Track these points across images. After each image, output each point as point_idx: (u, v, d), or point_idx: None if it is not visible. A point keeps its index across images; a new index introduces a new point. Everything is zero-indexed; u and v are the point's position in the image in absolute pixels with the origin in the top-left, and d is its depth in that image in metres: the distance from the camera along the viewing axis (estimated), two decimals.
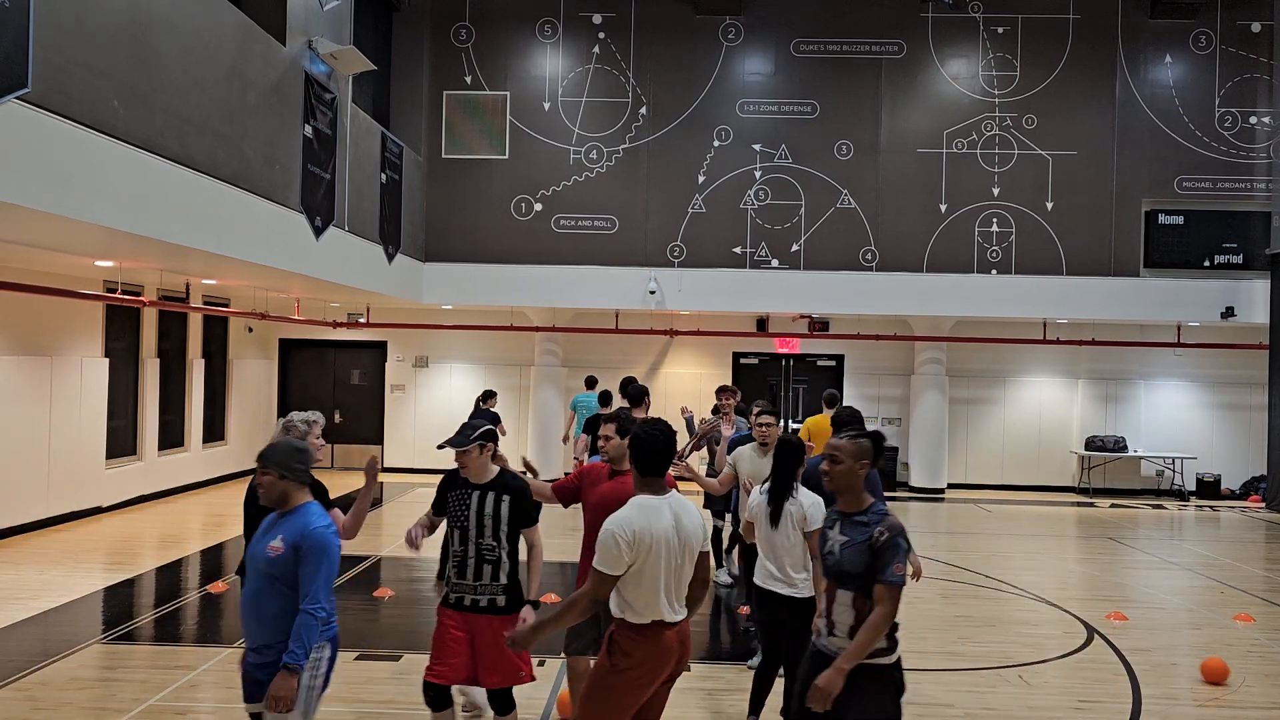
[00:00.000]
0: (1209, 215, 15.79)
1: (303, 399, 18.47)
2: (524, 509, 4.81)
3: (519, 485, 4.82)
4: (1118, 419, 17.52)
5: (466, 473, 4.77)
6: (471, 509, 4.76)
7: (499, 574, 4.75)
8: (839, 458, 3.93)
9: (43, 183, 6.26)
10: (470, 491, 4.78)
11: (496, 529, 4.76)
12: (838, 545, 3.88)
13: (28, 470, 11.39)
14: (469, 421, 4.93)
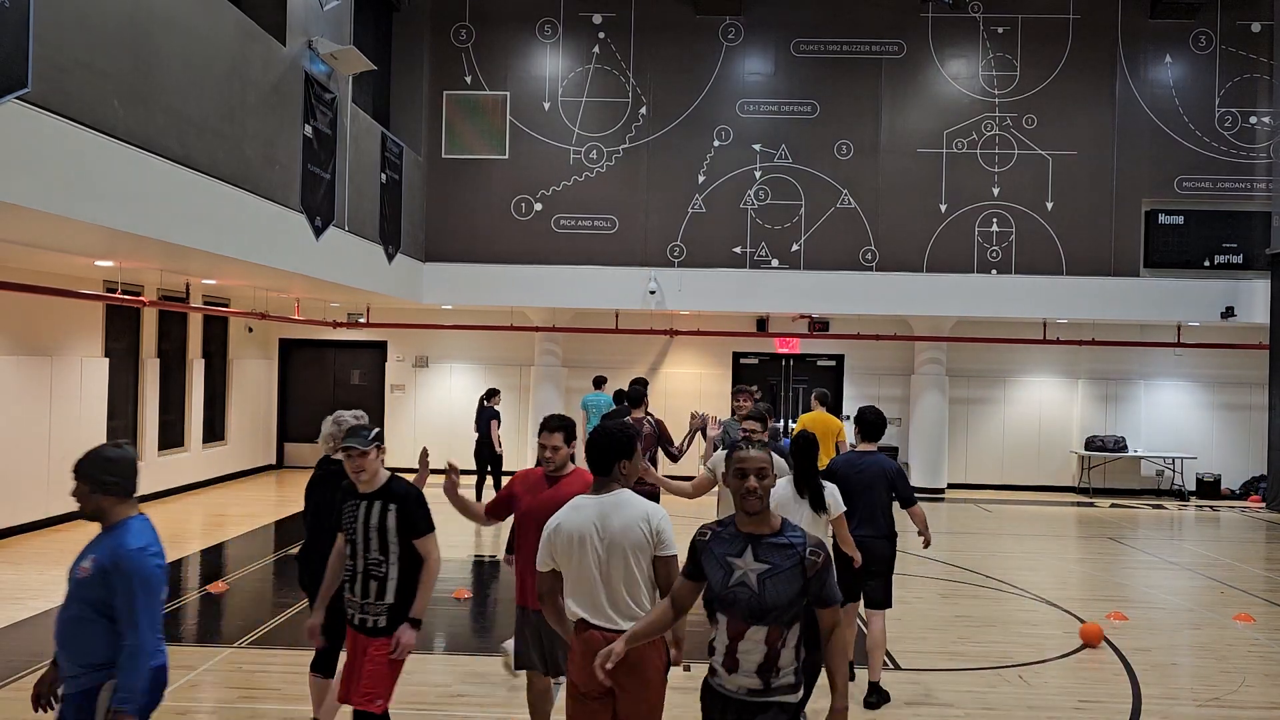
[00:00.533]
0: (1209, 215, 15.79)
1: (303, 399, 18.48)
2: (411, 519, 4.44)
3: (407, 491, 4.49)
4: (1118, 419, 17.52)
5: (360, 478, 4.46)
6: (359, 520, 4.46)
7: (385, 592, 4.41)
8: (767, 471, 3.35)
9: (43, 183, 6.26)
10: (359, 502, 4.49)
11: (383, 542, 4.42)
12: (752, 576, 3.29)
13: (28, 470, 11.39)
14: (358, 424, 4.66)
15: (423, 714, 5.94)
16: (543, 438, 4.76)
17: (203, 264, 10.04)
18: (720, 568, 3.36)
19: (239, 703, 6.13)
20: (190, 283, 13.99)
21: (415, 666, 6.77)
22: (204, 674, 6.64)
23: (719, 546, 3.40)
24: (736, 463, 3.35)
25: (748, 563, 3.33)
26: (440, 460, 5.25)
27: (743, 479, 3.32)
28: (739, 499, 3.34)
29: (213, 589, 8.99)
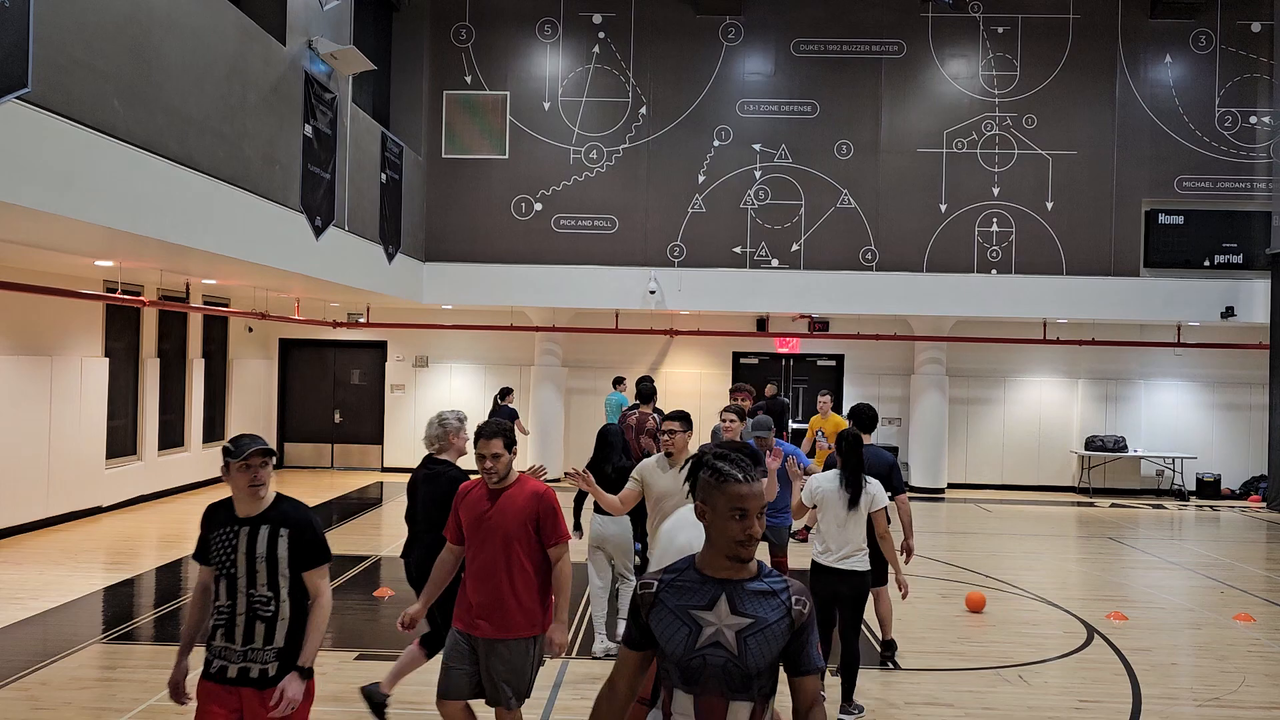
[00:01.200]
0: (1209, 215, 15.79)
1: (303, 399, 18.49)
2: (308, 546, 3.78)
3: (301, 516, 3.82)
4: (1118, 419, 17.52)
5: (242, 496, 3.75)
6: (240, 550, 3.72)
7: (274, 634, 3.71)
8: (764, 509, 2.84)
9: (43, 183, 6.26)
10: (237, 528, 3.75)
11: (273, 575, 3.73)
12: (730, 635, 2.50)
13: (28, 470, 11.39)
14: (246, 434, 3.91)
15: (422, 714, 5.94)
16: (480, 446, 4.40)
17: (203, 264, 10.04)
18: (682, 625, 2.53)
19: None
20: (190, 283, 13.99)
21: None
22: None
23: (676, 597, 2.55)
24: (734, 499, 2.48)
25: (722, 617, 2.52)
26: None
27: (742, 519, 2.49)
28: (731, 544, 2.50)
29: None
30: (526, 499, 4.43)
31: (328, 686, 6.40)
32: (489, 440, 4.42)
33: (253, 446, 3.73)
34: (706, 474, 2.55)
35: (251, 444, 3.74)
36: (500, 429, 4.47)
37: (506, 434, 4.47)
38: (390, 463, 18.07)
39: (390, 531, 12.28)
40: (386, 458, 18.14)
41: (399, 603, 8.66)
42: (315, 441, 18.52)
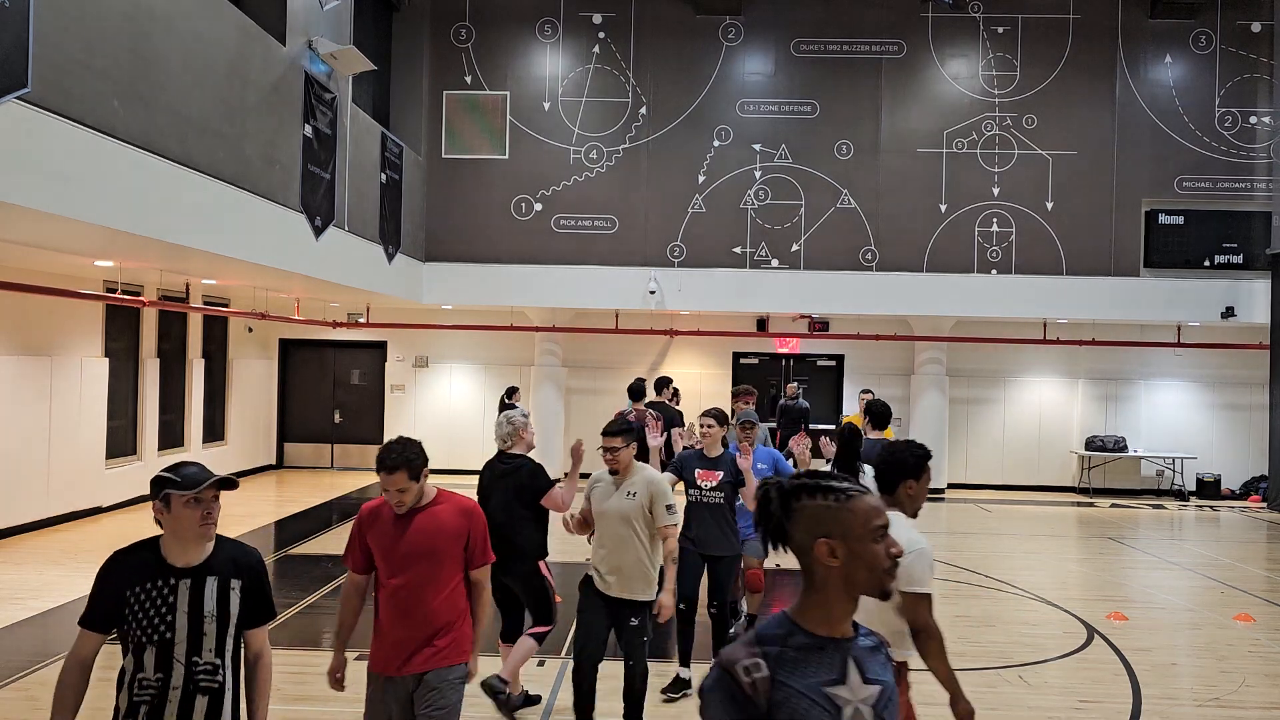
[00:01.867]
0: (1209, 215, 15.79)
1: (303, 399, 18.48)
2: (262, 600, 3.17)
3: (254, 561, 3.18)
4: (1118, 419, 17.52)
5: (187, 541, 3.02)
6: (180, 609, 2.99)
7: (220, 710, 3.03)
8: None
9: (43, 183, 6.25)
10: (175, 581, 3.00)
11: (221, 639, 3.04)
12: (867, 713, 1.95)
13: (28, 470, 11.39)
14: (189, 461, 3.23)
15: None
16: (382, 480, 3.85)
17: (203, 264, 10.04)
18: (820, 710, 1.91)
19: None
20: (190, 283, 13.99)
21: None
22: None
23: (799, 674, 1.92)
24: (870, 516, 1.96)
25: (856, 691, 1.96)
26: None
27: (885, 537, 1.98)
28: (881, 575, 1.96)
29: None
30: (456, 516, 3.98)
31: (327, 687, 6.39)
32: (390, 475, 3.80)
33: (208, 478, 2.98)
34: (822, 499, 1.97)
35: (203, 474, 3.00)
36: (401, 461, 3.81)
37: (410, 464, 3.82)
38: None
39: None
40: None
41: None
42: (315, 441, 18.51)
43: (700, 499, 6.39)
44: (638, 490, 5.19)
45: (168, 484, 3.00)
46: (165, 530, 3.05)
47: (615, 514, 5.19)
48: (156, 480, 3.04)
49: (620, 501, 5.19)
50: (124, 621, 3.02)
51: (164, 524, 3.04)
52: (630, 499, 5.18)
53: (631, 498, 5.18)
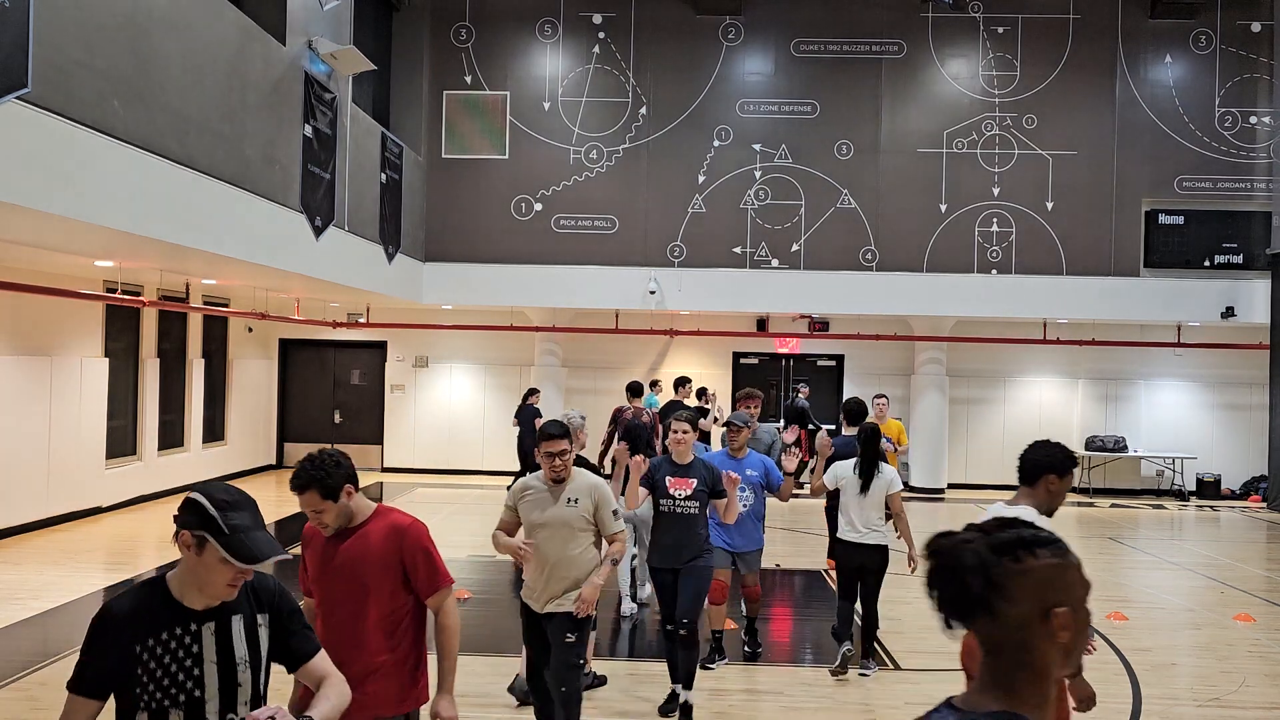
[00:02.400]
0: (1209, 215, 15.79)
1: (303, 399, 18.48)
2: (299, 628, 2.80)
3: (273, 585, 2.80)
4: (1118, 419, 17.51)
5: (216, 583, 2.43)
6: (208, 659, 2.50)
7: None
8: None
9: (43, 183, 6.25)
10: (198, 626, 2.48)
11: (256, 687, 2.68)
12: None
13: (28, 470, 11.38)
14: (226, 485, 2.55)
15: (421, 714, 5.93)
16: (301, 501, 3.41)
17: (203, 264, 10.04)
18: None
19: None
20: (190, 283, 13.99)
21: None
22: None
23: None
24: (1085, 582, 1.59)
25: None
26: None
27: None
28: (1077, 651, 1.58)
29: None
30: (383, 537, 3.45)
31: None
32: (301, 494, 3.38)
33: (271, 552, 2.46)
34: (1050, 556, 1.54)
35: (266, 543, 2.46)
36: (309, 480, 3.36)
37: (321, 483, 3.36)
38: (390, 463, 18.06)
39: None
40: (386, 458, 18.13)
41: None
42: (315, 442, 18.48)
43: (672, 509, 5.82)
44: (579, 497, 4.75)
45: (213, 529, 2.38)
46: (184, 569, 2.47)
47: (558, 524, 4.74)
48: (197, 510, 2.40)
49: (561, 510, 4.74)
50: (134, 684, 2.43)
51: (186, 562, 2.44)
52: (572, 506, 4.74)
53: (573, 505, 4.74)
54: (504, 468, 17.75)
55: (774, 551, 11.27)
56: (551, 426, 4.75)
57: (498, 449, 17.89)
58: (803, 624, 8.43)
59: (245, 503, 2.48)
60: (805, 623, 8.46)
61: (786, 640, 8.01)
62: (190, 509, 2.42)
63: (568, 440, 4.72)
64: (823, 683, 6.72)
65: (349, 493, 3.43)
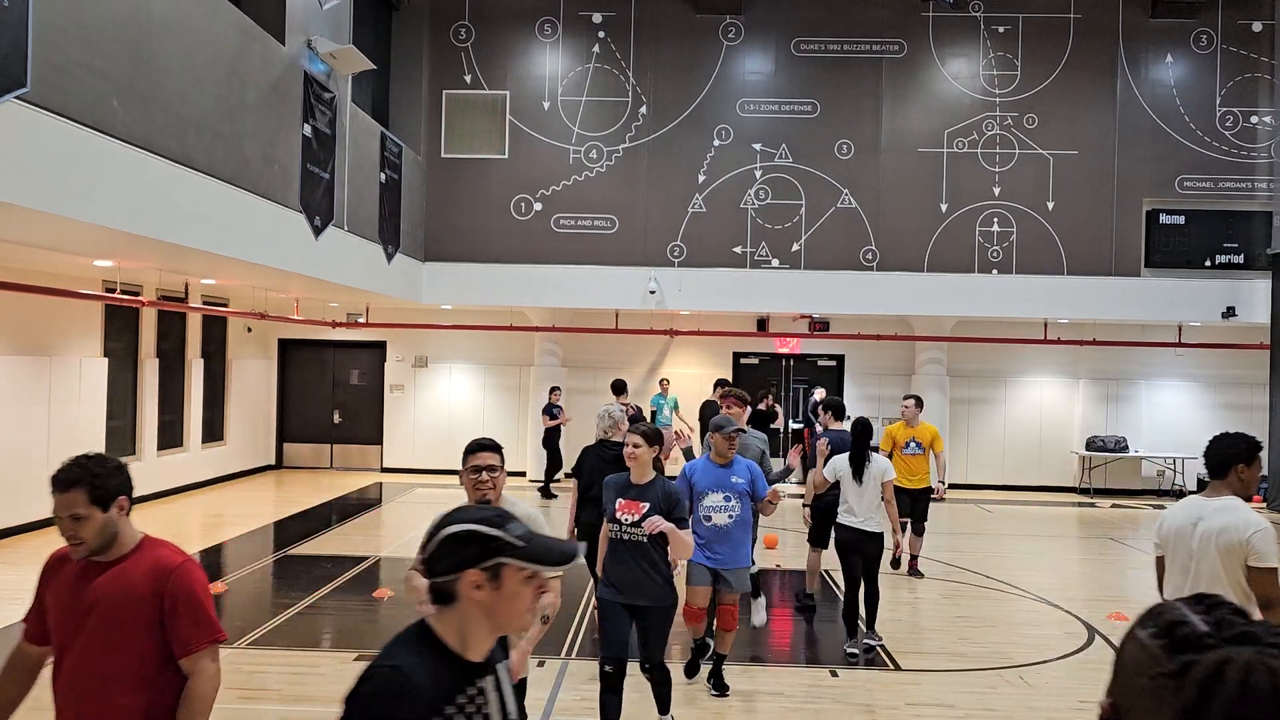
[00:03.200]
0: (1210, 215, 15.78)
1: (302, 399, 18.47)
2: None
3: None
4: (1119, 419, 17.51)
5: (514, 624, 2.03)
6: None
7: None
8: None
9: (43, 183, 6.24)
10: (482, 684, 2.02)
11: None
12: None
13: (28, 470, 11.37)
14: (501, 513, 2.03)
15: None
16: (55, 503, 2.86)
17: (202, 264, 10.03)
18: None
19: (238, 703, 6.11)
20: (189, 283, 13.97)
21: None
22: None
23: None
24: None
25: None
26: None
27: None
28: None
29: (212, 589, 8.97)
30: (146, 577, 2.80)
31: (327, 687, 6.40)
32: (64, 493, 2.83)
33: (568, 548, 2.05)
34: None
35: (554, 542, 2.07)
36: (79, 477, 2.87)
37: (92, 482, 2.88)
38: (390, 463, 18.05)
39: (390, 532, 12.27)
40: (386, 458, 18.13)
41: (398, 604, 8.64)
42: (315, 442, 18.50)
43: (620, 535, 5.09)
44: None
45: (505, 549, 1.96)
46: (469, 615, 1.98)
47: None
48: (475, 539, 1.97)
49: None
50: None
51: (479, 605, 1.96)
52: None
53: None
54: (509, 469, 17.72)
55: (775, 551, 11.25)
56: (479, 439, 4.06)
57: None
58: (803, 624, 8.42)
59: (506, 513, 2.04)
60: (805, 623, 8.45)
61: (786, 640, 8.00)
62: (464, 542, 1.97)
63: (499, 454, 3.92)
64: (823, 682, 6.72)
65: (121, 506, 2.87)
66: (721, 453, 6.11)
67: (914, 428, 10.12)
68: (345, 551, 10.82)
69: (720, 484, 6.08)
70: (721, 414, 6.78)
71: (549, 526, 4.45)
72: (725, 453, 6.10)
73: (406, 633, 2.05)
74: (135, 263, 10.18)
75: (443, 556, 1.98)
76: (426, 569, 2.01)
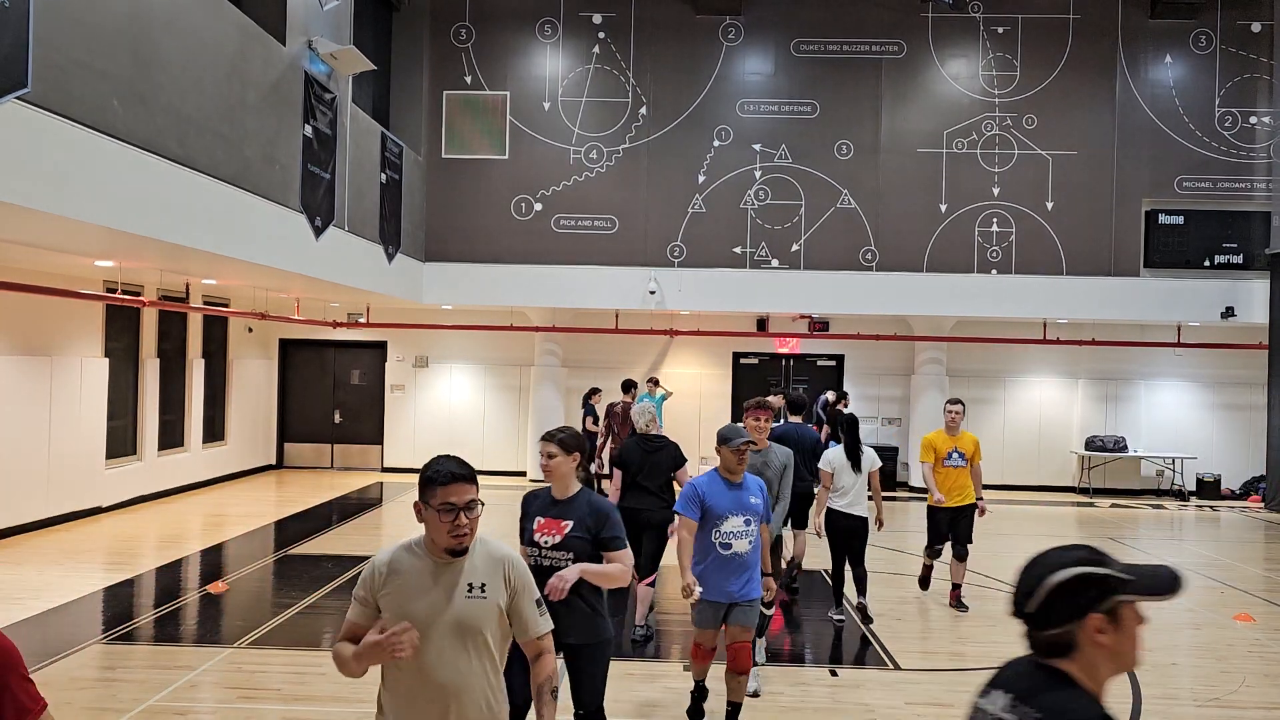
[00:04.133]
0: (1209, 215, 15.79)
1: (303, 399, 18.48)
2: None
3: None
4: (1118, 419, 17.52)
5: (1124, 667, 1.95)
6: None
7: None
8: None
9: (43, 183, 6.25)
10: None
11: None
12: None
13: (28, 470, 11.39)
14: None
15: None
16: None
17: (203, 264, 10.04)
18: None
19: (238, 703, 6.13)
20: (190, 283, 13.99)
21: None
22: (203, 674, 6.64)
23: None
24: None
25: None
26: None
27: None
28: None
29: (213, 589, 8.99)
30: None
31: (327, 687, 6.41)
32: None
33: None
34: None
35: None
36: None
37: None
38: (390, 463, 18.06)
39: (390, 531, 12.27)
40: (386, 458, 18.14)
41: None
42: (315, 442, 18.52)
43: (539, 560, 4.26)
44: (486, 580, 2.98)
45: (1121, 587, 1.92)
46: (1101, 655, 1.93)
47: (449, 624, 2.92)
48: (1094, 582, 1.92)
49: (458, 602, 2.94)
50: None
51: (1103, 646, 1.92)
52: (475, 597, 2.95)
53: (477, 596, 2.95)
54: (504, 467, 17.77)
55: None
56: (447, 463, 3.00)
57: (498, 449, 17.90)
58: (803, 624, 8.43)
59: (1095, 548, 1.97)
60: (805, 623, 8.46)
61: (787, 640, 8.01)
62: (1076, 589, 1.90)
63: (474, 485, 2.96)
64: (823, 682, 6.73)
65: None
66: (731, 469, 5.30)
67: (956, 436, 8.77)
68: (346, 551, 10.84)
69: (740, 506, 5.29)
70: (749, 420, 6.21)
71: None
72: (735, 469, 5.31)
73: (1062, 683, 1.91)
74: (136, 263, 10.20)
75: (1057, 606, 1.90)
76: (1030, 623, 1.93)
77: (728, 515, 5.28)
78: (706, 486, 5.34)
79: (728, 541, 5.28)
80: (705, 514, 5.28)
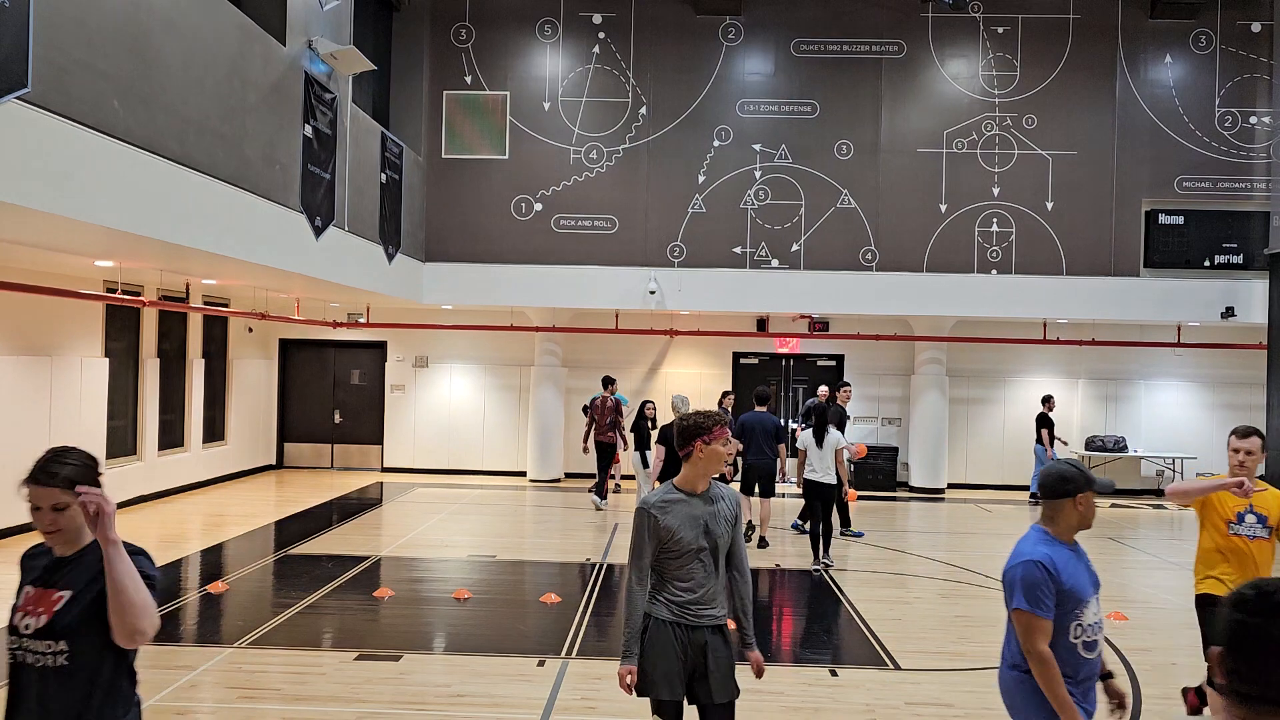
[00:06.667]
0: (1209, 215, 15.79)
1: (303, 399, 18.49)
2: None
3: None
4: (1118, 419, 17.52)
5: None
6: None
7: None
8: None
9: (43, 183, 6.26)
10: None
11: None
12: None
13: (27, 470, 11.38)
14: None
15: (423, 714, 5.94)
16: None
17: (203, 264, 10.04)
18: None
19: (238, 703, 6.13)
20: (190, 283, 13.99)
21: (416, 667, 6.77)
22: (203, 674, 6.64)
23: None
24: None
25: None
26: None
27: None
28: None
29: (212, 589, 8.99)
30: None
31: (327, 687, 6.41)
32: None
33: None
34: None
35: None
36: None
37: None
38: (390, 463, 18.06)
39: (390, 531, 12.27)
40: (386, 458, 18.14)
41: (399, 603, 8.65)
42: (315, 441, 18.52)
43: (22, 657, 2.99)
44: None
45: None
46: None
47: None
48: None
49: None
50: None
51: None
52: None
53: None
54: (504, 467, 17.78)
55: (775, 551, 11.27)
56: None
57: (498, 449, 17.91)
58: (803, 624, 8.43)
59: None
60: (806, 622, 8.46)
61: (787, 640, 8.01)
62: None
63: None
64: (823, 682, 6.73)
65: None
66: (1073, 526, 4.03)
67: (1251, 494, 5.32)
68: (346, 551, 10.84)
69: (1095, 580, 4.04)
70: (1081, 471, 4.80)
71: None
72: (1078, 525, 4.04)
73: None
74: (136, 263, 10.20)
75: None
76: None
77: (1088, 599, 3.65)
78: (1052, 557, 3.64)
79: (1093, 639, 3.67)
80: (1061, 602, 3.61)
